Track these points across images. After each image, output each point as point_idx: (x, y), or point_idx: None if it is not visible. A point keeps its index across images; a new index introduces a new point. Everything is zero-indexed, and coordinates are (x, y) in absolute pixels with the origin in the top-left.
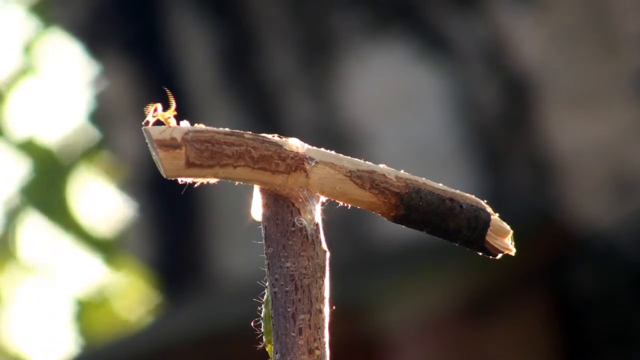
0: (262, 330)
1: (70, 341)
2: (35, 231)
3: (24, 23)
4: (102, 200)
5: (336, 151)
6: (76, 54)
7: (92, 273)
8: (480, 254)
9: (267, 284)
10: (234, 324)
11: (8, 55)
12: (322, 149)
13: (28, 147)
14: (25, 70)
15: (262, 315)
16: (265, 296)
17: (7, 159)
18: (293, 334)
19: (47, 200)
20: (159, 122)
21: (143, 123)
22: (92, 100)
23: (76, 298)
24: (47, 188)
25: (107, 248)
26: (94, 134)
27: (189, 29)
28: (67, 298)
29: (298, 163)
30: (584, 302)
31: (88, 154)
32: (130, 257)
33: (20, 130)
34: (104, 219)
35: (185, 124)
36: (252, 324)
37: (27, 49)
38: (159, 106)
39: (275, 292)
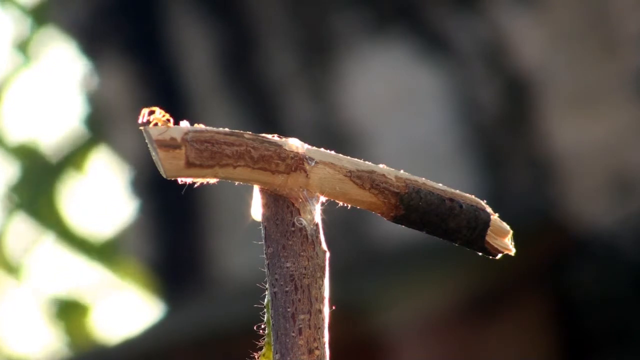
0: (265, 333)
1: (69, 341)
2: (28, 232)
3: (21, 23)
4: (101, 201)
5: (336, 151)
6: (75, 53)
7: (90, 274)
8: (480, 254)
9: (267, 284)
10: (234, 323)
11: (4, 55)
12: (322, 149)
13: (25, 148)
14: (22, 71)
15: (265, 319)
16: (266, 300)
17: (2, 160)
18: (293, 334)
19: (43, 200)
20: (156, 124)
21: (140, 123)
22: (91, 100)
23: (73, 299)
24: (44, 188)
25: (105, 249)
26: (93, 134)
27: (189, 29)
28: (65, 298)
29: (298, 163)
30: (584, 302)
31: (86, 154)
32: (130, 258)
33: (17, 131)
34: (103, 219)
35: (185, 124)
36: (255, 327)
37: (25, 49)
38: (157, 110)
39: (275, 292)
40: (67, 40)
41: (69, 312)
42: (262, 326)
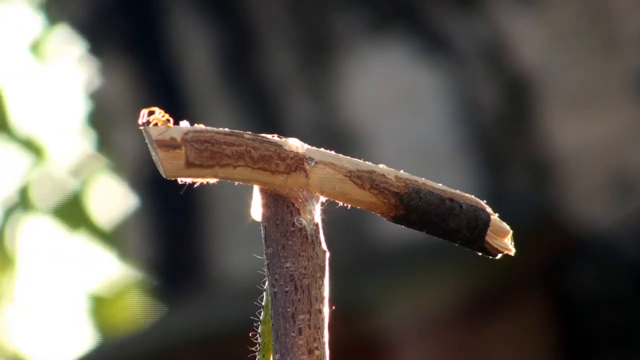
0: (259, 332)
1: (68, 341)
2: (36, 228)
3: (22, 21)
4: (101, 200)
5: (336, 151)
6: (75, 53)
7: (90, 271)
8: (480, 254)
9: (266, 285)
10: (234, 323)
11: (9, 52)
12: (322, 149)
13: (28, 145)
14: (25, 68)
15: (262, 320)
16: (264, 300)
17: (9, 156)
18: (293, 334)
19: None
20: (156, 124)
21: (140, 124)
22: (91, 100)
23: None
24: (48, 187)
25: (110, 243)
26: (93, 133)
27: (189, 29)
28: (64, 297)
29: (298, 163)
30: (584, 302)
31: (87, 153)
32: (129, 257)
33: (21, 128)
34: (103, 218)
35: (184, 124)
36: (255, 327)
37: (28, 47)
38: (157, 110)
39: (275, 292)
40: (67, 39)
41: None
42: (259, 328)
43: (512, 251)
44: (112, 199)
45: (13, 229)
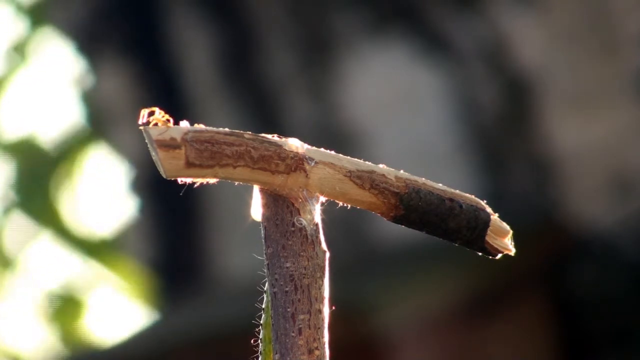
0: (260, 337)
1: (67, 340)
2: (26, 230)
3: (19, 22)
4: (101, 200)
5: (336, 151)
6: (74, 53)
7: (89, 273)
8: (480, 254)
9: (266, 287)
10: (234, 324)
11: (1, 54)
12: (322, 149)
13: (24, 145)
14: (20, 70)
15: (262, 321)
16: (264, 303)
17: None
18: (293, 334)
19: (42, 198)
20: (156, 124)
21: (140, 124)
22: (91, 100)
23: (72, 297)
24: (43, 186)
25: (104, 248)
26: (93, 134)
27: (189, 29)
28: (63, 296)
29: (298, 163)
30: (584, 302)
31: (86, 153)
32: (129, 257)
33: (16, 129)
34: (103, 218)
35: (184, 124)
36: (255, 328)
37: (24, 48)
38: (157, 110)
39: (275, 292)
40: (66, 40)
41: (67, 310)
42: (259, 329)
43: (512, 251)
44: (112, 201)
45: (11, 228)
